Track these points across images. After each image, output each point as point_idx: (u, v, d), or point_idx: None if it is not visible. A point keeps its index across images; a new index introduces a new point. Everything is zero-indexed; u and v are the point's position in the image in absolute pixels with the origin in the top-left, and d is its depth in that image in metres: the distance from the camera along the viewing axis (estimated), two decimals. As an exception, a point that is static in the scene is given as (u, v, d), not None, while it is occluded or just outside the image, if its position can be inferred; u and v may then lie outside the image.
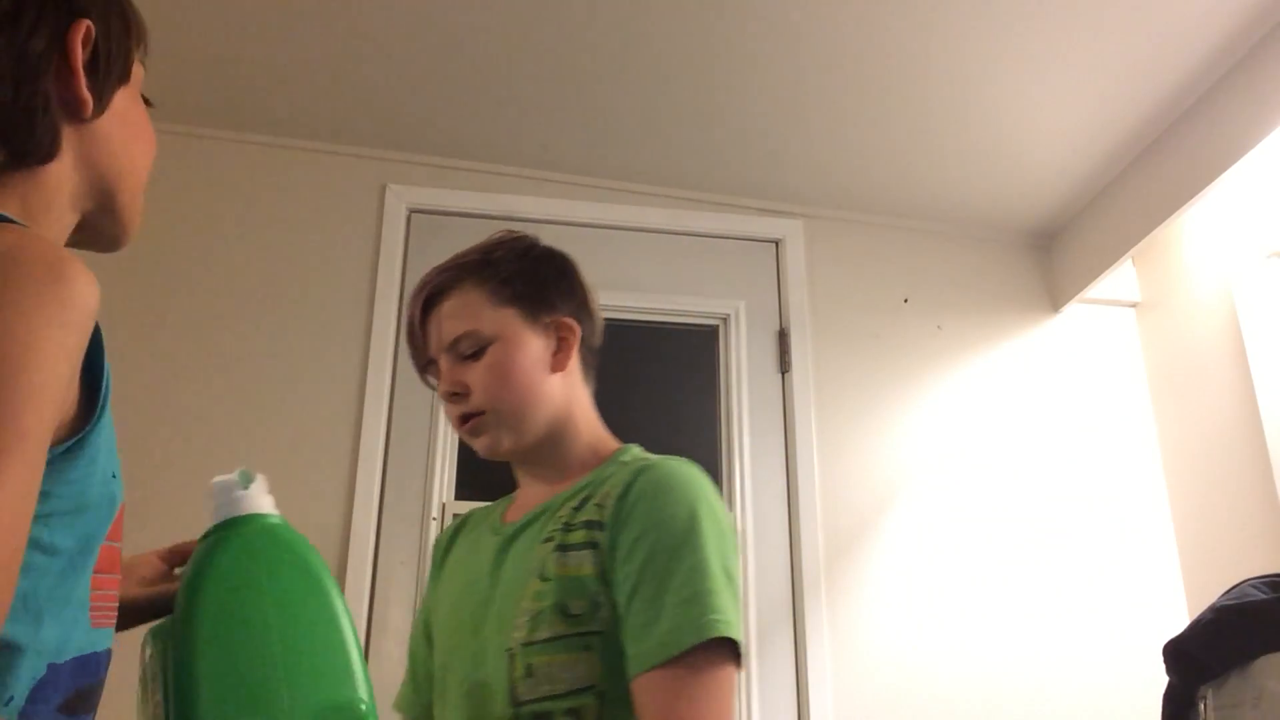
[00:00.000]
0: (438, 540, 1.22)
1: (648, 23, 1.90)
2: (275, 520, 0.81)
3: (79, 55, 0.71)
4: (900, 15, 1.86)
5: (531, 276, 1.11)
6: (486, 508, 1.19)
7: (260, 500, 0.81)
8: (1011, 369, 2.44)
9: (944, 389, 2.40)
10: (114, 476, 0.68)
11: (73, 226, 0.75)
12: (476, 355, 1.06)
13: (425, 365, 1.12)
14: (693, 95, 2.10)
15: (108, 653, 0.69)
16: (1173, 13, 1.84)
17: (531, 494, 1.11)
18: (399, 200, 2.28)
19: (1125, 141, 2.21)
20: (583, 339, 1.12)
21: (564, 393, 1.09)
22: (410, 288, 2.20)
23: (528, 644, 0.93)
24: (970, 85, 2.05)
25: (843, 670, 2.10)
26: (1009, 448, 2.36)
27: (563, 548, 0.97)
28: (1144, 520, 2.34)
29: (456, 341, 1.07)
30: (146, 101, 0.82)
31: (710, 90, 2.08)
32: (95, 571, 0.67)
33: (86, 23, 0.72)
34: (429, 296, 1.10)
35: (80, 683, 0.65)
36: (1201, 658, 1.32)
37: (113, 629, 0.71)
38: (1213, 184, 2.00)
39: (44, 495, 0.59)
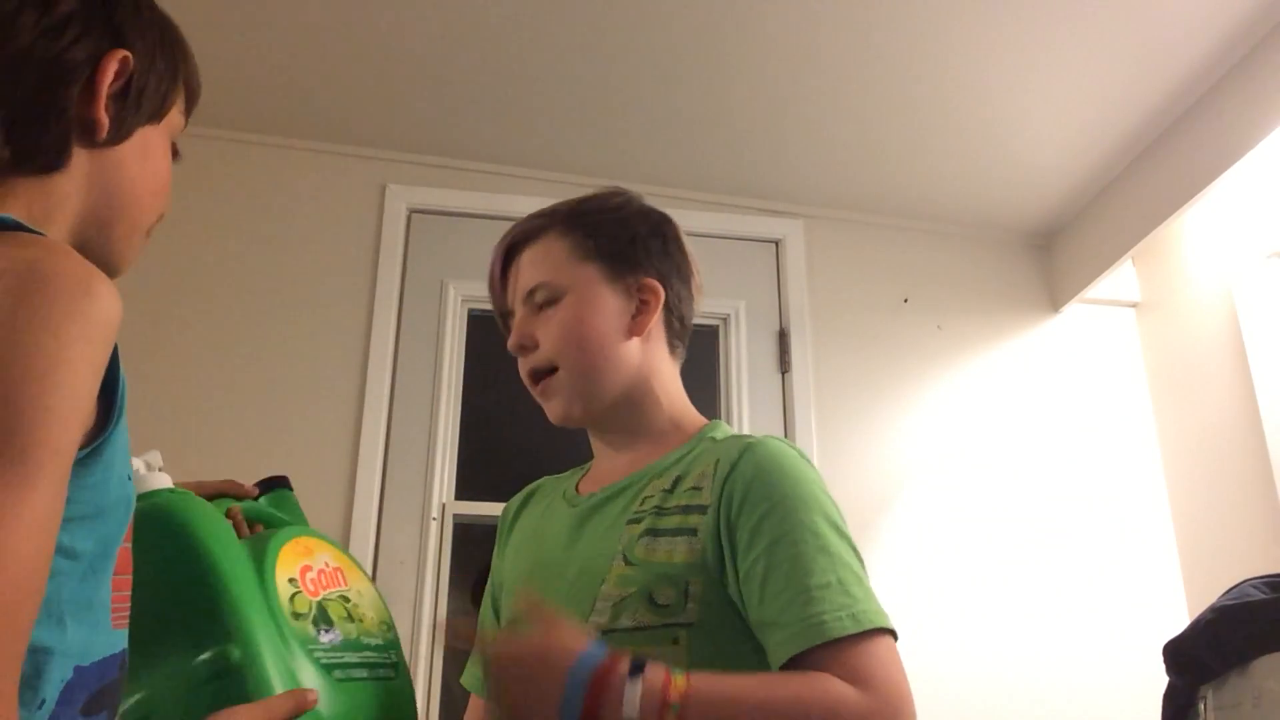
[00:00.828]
0: (505, 509, 1.16)
1: (648, 23, 1.90)
2: (149, 501, 0.76)
3: (107, 78, 0.72)
4: (900, 16, 1.86)
5: (619, 233, 1.05)
6: (558, 477, 1.13)
7: (139, 482, 0.75)
8: (1011, 369, 2.44)
9: (944, 389, 2.40)
10: (128, 479, 0.69)
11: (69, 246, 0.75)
12: (550, 308, 1.01)
13: (505, 315, 1.08)
14: (693, 96, 2.10)
15: (124, 652, 0.69)
16: (1173, 13, 1.84)
17: (610, 466, 1.05)
18: (399, 200, 2.28)
19: (1125, 142, 2.21)
20: (669, 306, 1.06)
21: (642, 359, 1.03)
22: (410, 288, 2.23)
23: (609, 631, 0.87)
24: (970, 85, 2.05)
25: (843, 670, 2.10)
26: (1009, 448, 2.36)
27: (653, 532, 0.91)
28: (1144, 520, 2.34)
29: (532, 292, 1.02)
30: (176, 153, 0.83)
31: (710, 91, 2.08)
32: (114, 574, 0.68)
33: (124, 52, 0.73)
34: (512, 243, 1.06)
35: (100, 683, 0.66)
36: (1201, 658, 1.32)
37: (126, 629, 0.71)
38: (1213, 184, 2.00)
39: (65, 500, 0.59)
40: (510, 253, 1.07)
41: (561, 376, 1.01)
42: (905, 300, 2.46)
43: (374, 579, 1.97)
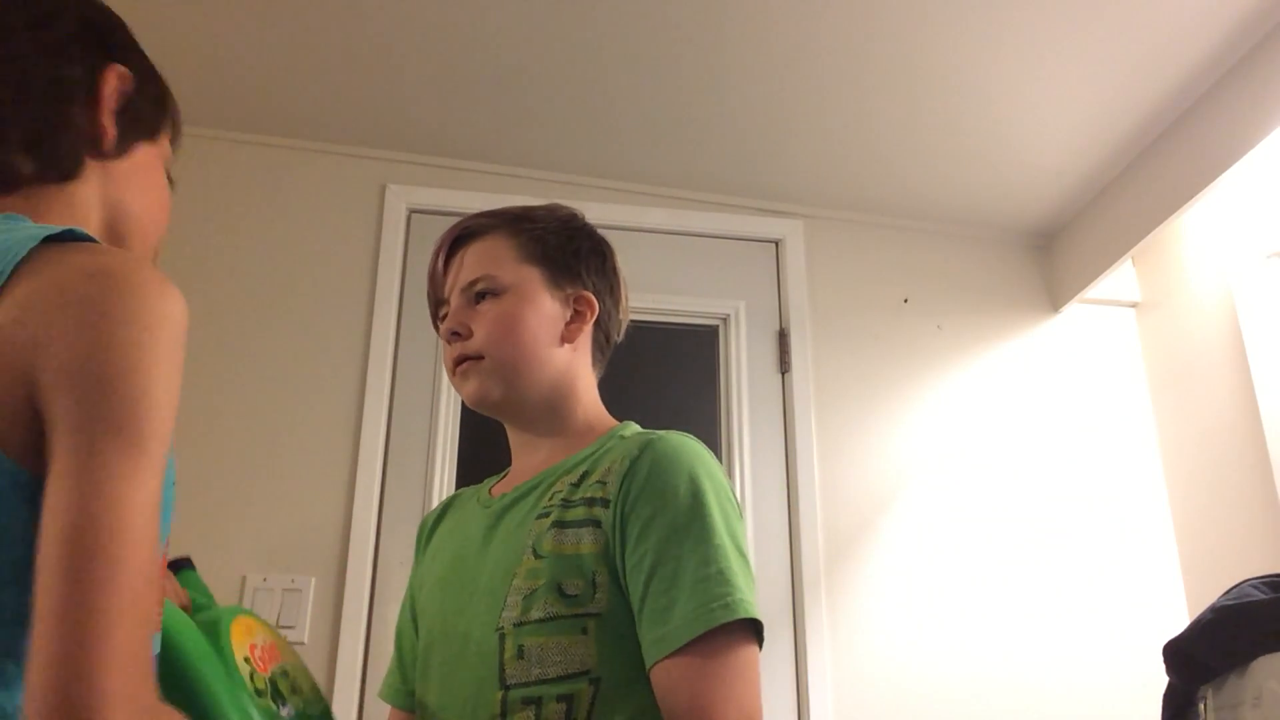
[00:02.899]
0: (424, 521, 1.19)
1: (648, 23, 1.90)
2: None
3: (109, 90, 0.77)
4: (900, 16, 1.86)
5: (564, 244, 1.09)
6: (475, 487, 1.16)
7: None
8: (1011, 369, 2.44)
9: (944, 389, 2.40)
10: (171, 484, 0.70)
11: None
12: (488, 301, 1.05)
13: (439, 305, 1.11)
14: (693, 95, 2.10)
15: (155, 658, 0.70)
16: (1173, 13, 1.84)
17: (523, 467, 1.08)
18: (399, 200, 2.28)
19: (1125, 142, 2.21)
20: (599, 321, 1.10)
21: (568, 366, 1.06)
22: (410, 288, 2.23)
23: (520, 624, 0.89)
24: (970, 85, 2.05)
25: (843, 670, 2.10)
26: (1009, 448, 2.36)
27: (560, 524, 0.93)
28: (1144, 520, 2.34)
29: (473, 283, 1.06)
30: (169, 179, 0.87)
31: (710, 90, 2.08)
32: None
33: (121, 68, 0.78)
34: (459, 236, 1.10)
35: None
36: (1201, 658, 1.32)
37: (159, 633, 0.72)
38: (1213, 184, 2.00)
39: None
40: (455, 245, 1.10)
41: (485, 363, 1.03)
42: (905, 300, 2.46)
43: (374, 579, 1.98)
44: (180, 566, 1.01)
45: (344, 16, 1.89)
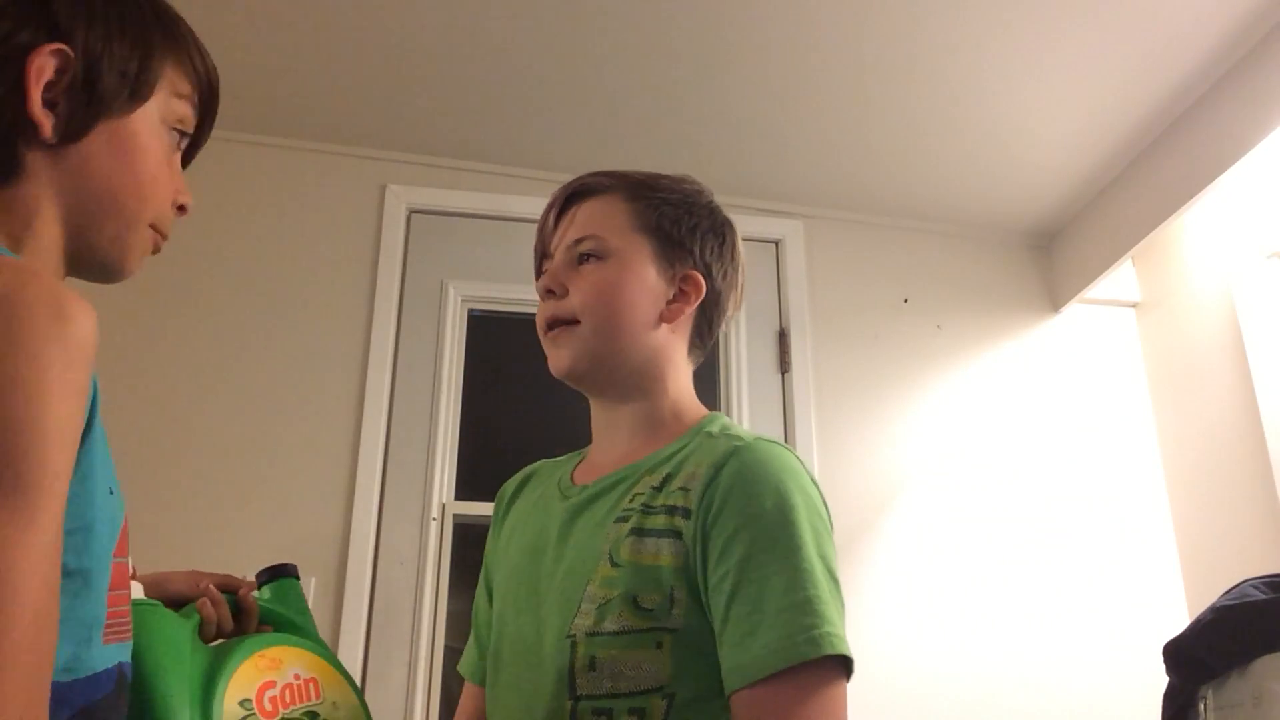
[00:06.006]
0: (501, 491, 1.14)
1: (648, 23, 1.90)
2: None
3: (40, 74, 0.68)
4: (901, 16, 1.86)
5: (681, 218, 1.03)
6: (556, 461, 1.11)
7: None
8: (1011, 369, 2.44)
9: (944, 389, 2.40)
10: (111, 492, 0.68)
11: (63, 255, 0.74)
12: (591, 263, 1.00)
13: (543, 256, 1.06)
14: (693, 95, 2.10)
15: (118, 667, 0.68)
16: (1172, 13, 1.84)
17: (605, 454, 1.03)
18: (399, 200, 2.28)
19: (1125, 142, 2.21)
20: (704, 306, 1.03)
21: (662, 347, 1.01)
22: (410, 287, 2.23)
23: (593, 634, 0.85)
24: (970, 86, 2.05)
25: (843, 670, 2.10)
26: (1009, 448, 2.36)
27: (639, 531, 0.88)
28: (1144, 520, 2.34)
29: (579, 241, 1.01)
30: (184, 137, 0.80)
31: (710, 90, 2.08)
32: (110, 589, 0.67)
33: (57, 45, 0.69)
34: (577, 190, 1.05)
35: (87, 699, 0.65)
36: (1201, 658, 1.32)
37: (127, 642, 0.71)
38: (1213, 184, 2.00)
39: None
40: (570, 200, 1.06)
41: (581, 330, 0.98)
42: (905, 300, 2.46)
43: (374, 579, 1.98)
44: (279, 574, 0.97)
45: (344, 17, 1.89)
